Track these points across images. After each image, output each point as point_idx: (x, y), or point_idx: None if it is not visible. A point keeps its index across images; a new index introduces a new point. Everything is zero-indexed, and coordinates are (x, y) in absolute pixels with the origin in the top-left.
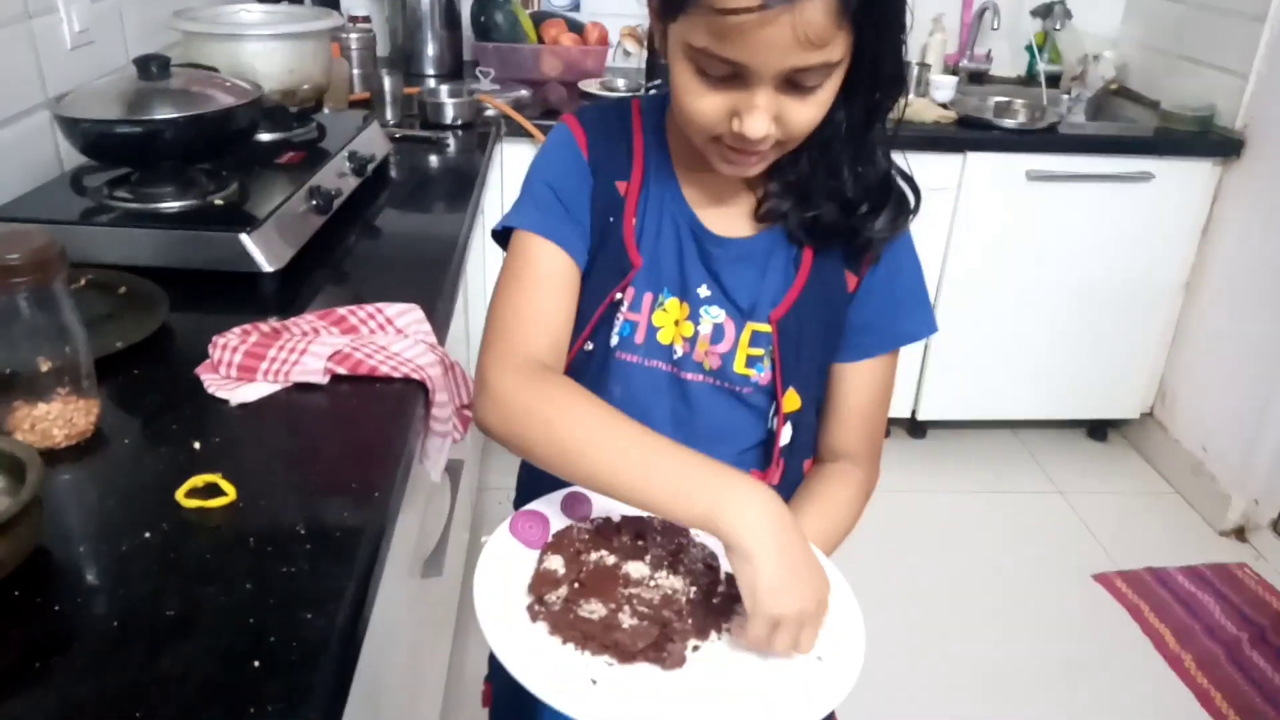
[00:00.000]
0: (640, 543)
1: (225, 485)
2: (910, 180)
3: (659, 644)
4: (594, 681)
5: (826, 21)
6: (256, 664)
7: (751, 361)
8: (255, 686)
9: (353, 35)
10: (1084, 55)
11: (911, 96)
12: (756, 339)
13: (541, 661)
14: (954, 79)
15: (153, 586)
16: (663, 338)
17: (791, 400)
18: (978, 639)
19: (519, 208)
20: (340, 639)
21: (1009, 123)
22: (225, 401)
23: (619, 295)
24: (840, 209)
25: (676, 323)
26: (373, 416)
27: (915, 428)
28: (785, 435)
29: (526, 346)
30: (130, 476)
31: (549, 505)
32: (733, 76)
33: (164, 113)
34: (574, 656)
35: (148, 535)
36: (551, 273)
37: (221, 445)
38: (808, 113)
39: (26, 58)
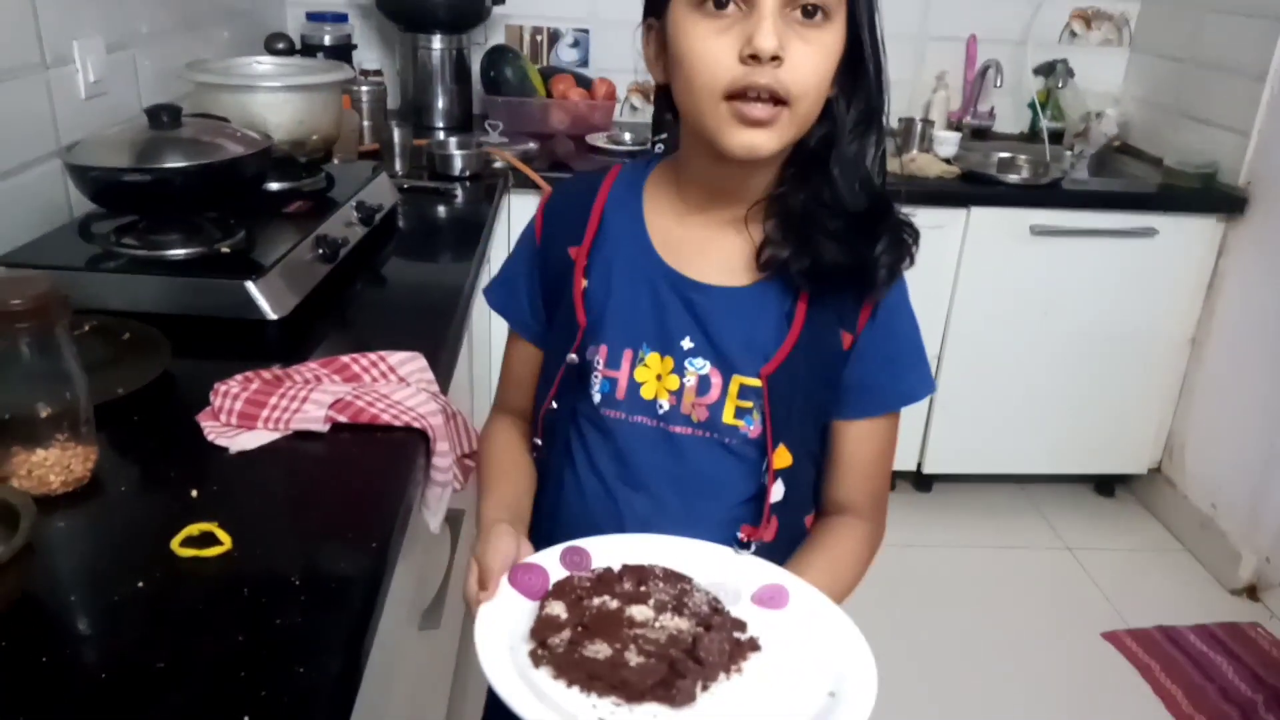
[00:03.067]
0: (642, 588)
1: (221, 534)
2: (908, 221)
3: (667, 681)
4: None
5: None
6: (248, 718)
7: (740, 413)
8: None
9: (363, 88)
10: (1087, 112)
11: (915, 151)
12: (745, 392)
13: (548, 705)
14: (957, 135)
15: (143, 637)
16: (645, 393)
17: (782, 457)
18: (984, 696)
19: (495, 286)
20: (334, 693)
21: (1013, 178)
22: (224, 449)
23: (582, 355)
24: (842, 249)
25: (659, 377)
26: (373, 465)
27: (921, 481)
28: (777, 492)
29: (502, 399)
30: (125, 524)
31: (548, 558)
32: (736, 2)
33: (173, 161)
34: (580, 699)
35: (140, 584)
36: (514, 353)
37: (219, 493)
38: (813, 55)
39: (42, 107)
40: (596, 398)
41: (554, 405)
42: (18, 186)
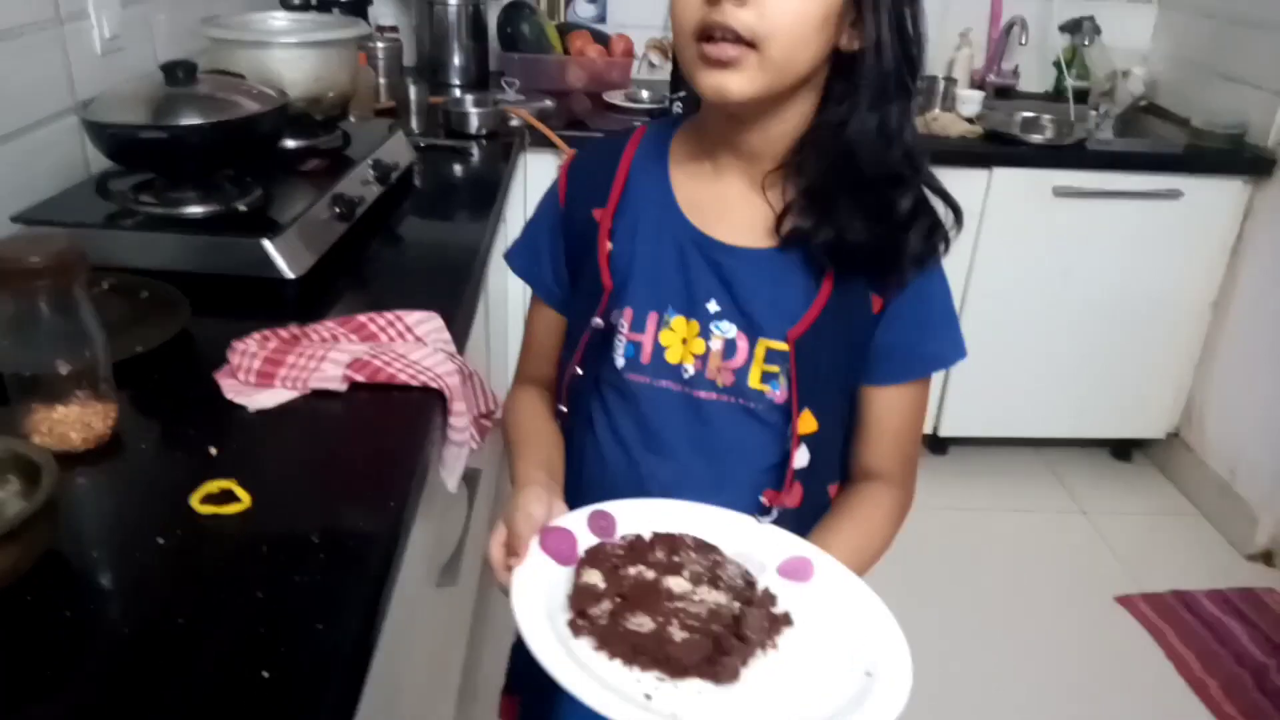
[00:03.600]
0: (676, 559)
1: (240, 492)
2: (946, 196)
3: (712, 658)
4: (648, 696)
5: None
6: (267, 674)
7: (766, 378)
8: (265, 696)
9: (379, 44)
10: (1113, 71)
11: (937, 110)
12: (771, 356)
13: (593, 678)
14: (980, 94)
15: (165, 593)
16: (670, 357)
17: (807, 422)
18: (998, 659)
19: (516, 251)
20: (353, 649)
21: (1036, 138)
22: (243, 408)
23: (608, 319)
24: (868, 227)
25: (685, 341)
26: (390, 424)
27: (937, 444)
28: (801, 458)
29: (524, 369)
30: (146, 481)
31: (574, 522)
32: None
33: (189, 119)
34: (624, 672)
35: (161, 541)
36: (537, 320)
37: (238, 451)
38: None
39: (58, 63)
40: (620, 362)
41: (579, 371)
42: (35, 143)
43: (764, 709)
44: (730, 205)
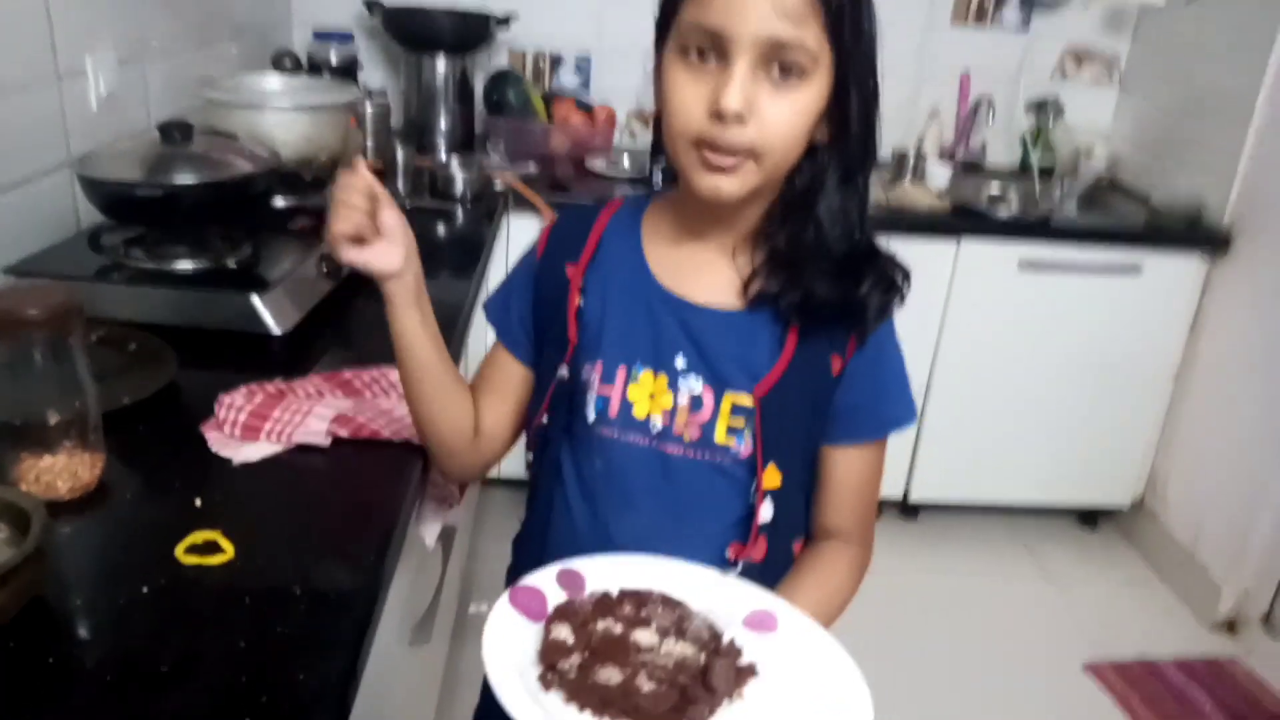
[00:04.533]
0: (643, 613)
1: (224, 542)
2: (893, 259)
3: (679, 708)
4: None
5: None
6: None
7: (732, 432)
8: None
9: (368, 107)
10: (1076, 149)
11: (907, 183)
12: (737, 410)
13: None
14: (949, 168)
15: (148, 640)
16: (638, 412)
17: (772, 477)
18: None
19: (493, 300)
20: (333, 698)
21: (1002, 213)
22: (228, 460)
23: (576, 373)
24: (831, 285)
25: (652, 395)
26: (372, 479)
27: (907, 509)
28: (766, 513)
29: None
30: (131, 531)
31: (544, 579)
32: (715, 55)
33: (183, 177)
34: None
35: (145, 590)
36: (492, 360)
37: (222, 503)
38: (783, 113)
39: (54, 118)
40: (591, 416)
41: (544, 420)
42: (28, 195)
43: None
44: (700, 269)
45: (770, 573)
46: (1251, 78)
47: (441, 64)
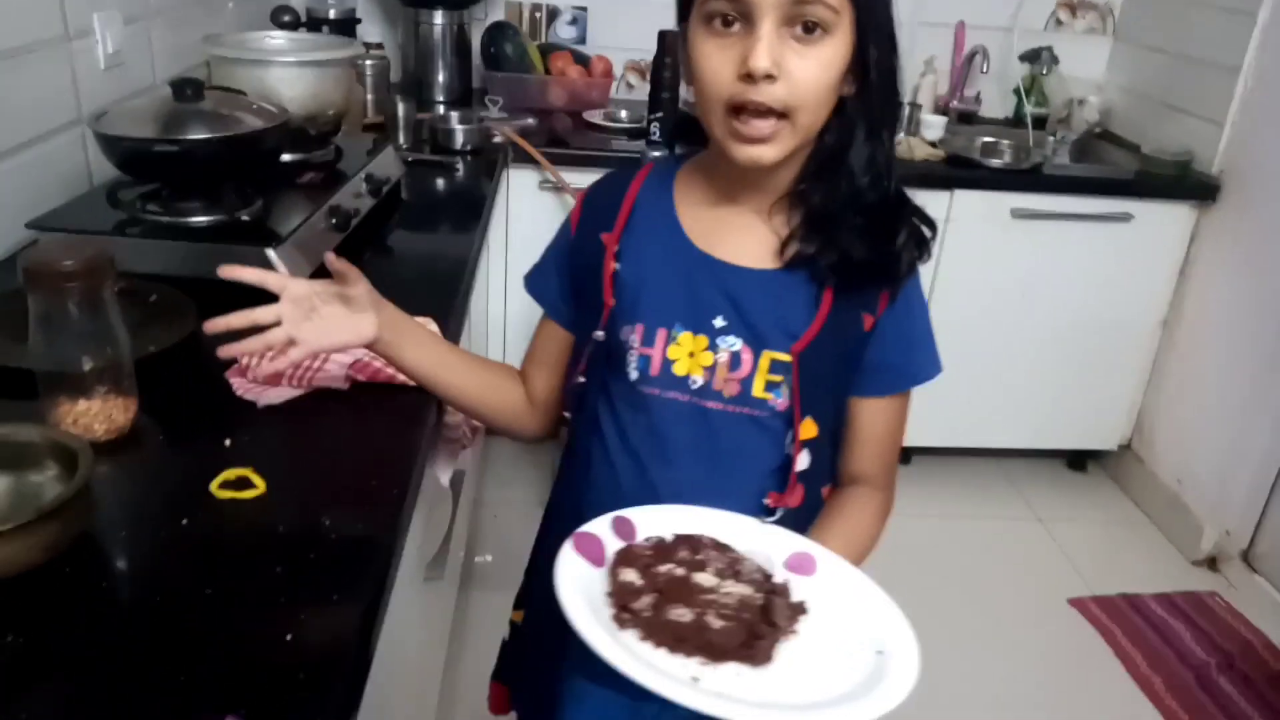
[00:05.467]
0: (699, 557)
1: (255, 479)
2: (921, 212)
3: (748, 643)
4: (696, 679)
5: None
6: (290, 636)
7: (770, 387)
8: (289, 657)
9: (368, 62)
10: (1069, 99)
11: (902, 135)
12: (775, 367)
13: (647, 666)
14: (943, 119)
15: (192, 567)
16: (678, 369)
17: (808, 428)
18: (958, 657)
19: (533, 274)
20: (364, 618)
21: (995, 162)
22: (252, 404)
23: (620, 337)
24: (868, 245)
25: (692, 354)
26: (390, 420)
27: (901, 454)
28: (803, 461)
29: (523, 370)
30: (166, 469)
31: (600, 527)
32: (740, 21)
33: (197, 133)
34: (670, 659)
35: (185, 522)
36: (542, 332)
37: (250, 443)
38: (810, 69)
39: (65, 77)
40: (634, 375)
41: (581, 380)
42: (44, 152)
43: (797, 686)
44: (735, 231)
45: (805, 518)
46: (1241, 29)
47: (439, 18)
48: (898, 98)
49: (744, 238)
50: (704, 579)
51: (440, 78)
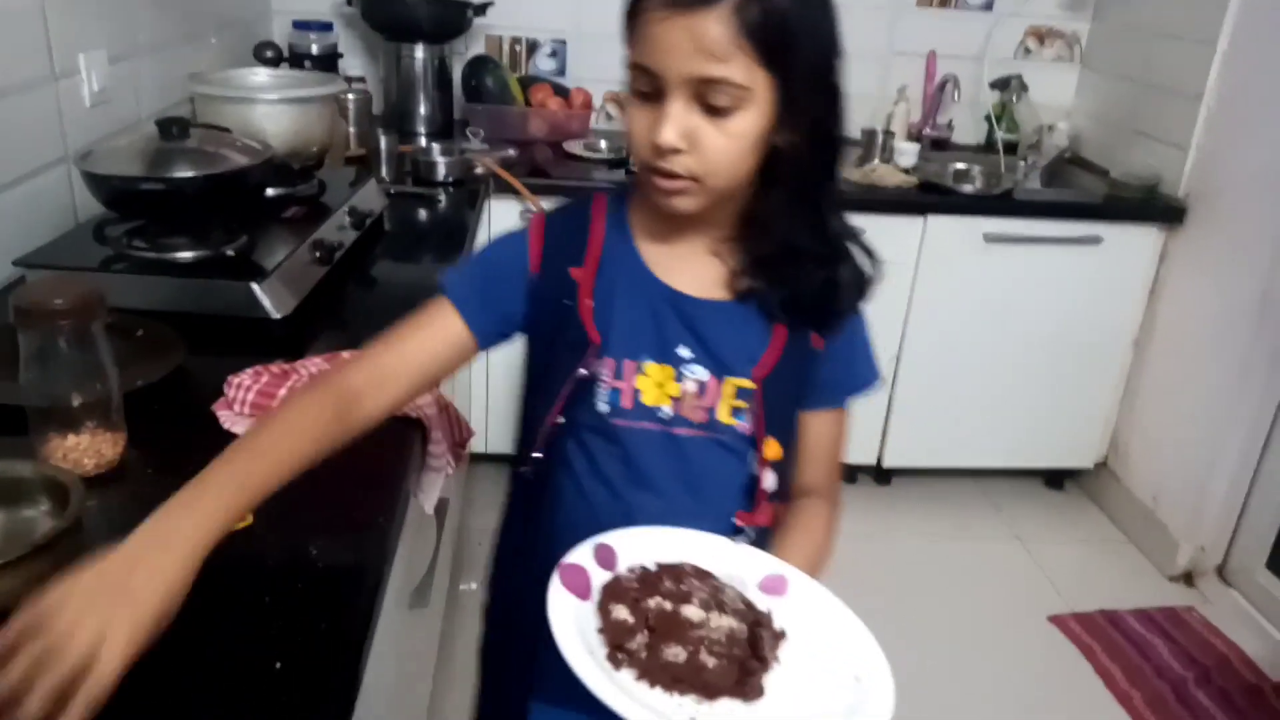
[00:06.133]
0: (682, 587)
1: None
2: (868, 249)
3: (740, 680)
4: (693, 719)
5: (724, 34)
6: (279, 664)
7: (735, 412)
8: (278, 684)
9: (350, 96)
10: (1039, 125)
11: (876, 162)
12: (739, 393)
13: (646, 708)
14: (916, 146)
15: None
16: (646, 400)
17: (772, 448)
18: (939, 676)
19: (454, 273)
20: (353, 645)
21: (968, 188)
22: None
23: (592, 370)
24: (812, 282)
25: (660, 385)
26: (375, 451)
27: (881, 474)
28: (769, 481)
29: (352, 375)
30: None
31: (583, 556)
32: (655, 93)
33: (183, 171)
34: (666, 699)
35: None
36: (435, 334)
37: None
38: (720, 141)
39: (51, 115)
40: (605, 409)
41: (560, 420)
42: (29, 190)
43: (787, 718)
44: (689, 263)
45: (771, 535)
46: (1203, 56)
47: (420, 51)
48: (835, 145)
49: (698, 270)
50: (691, 613)
51: (422, 110)
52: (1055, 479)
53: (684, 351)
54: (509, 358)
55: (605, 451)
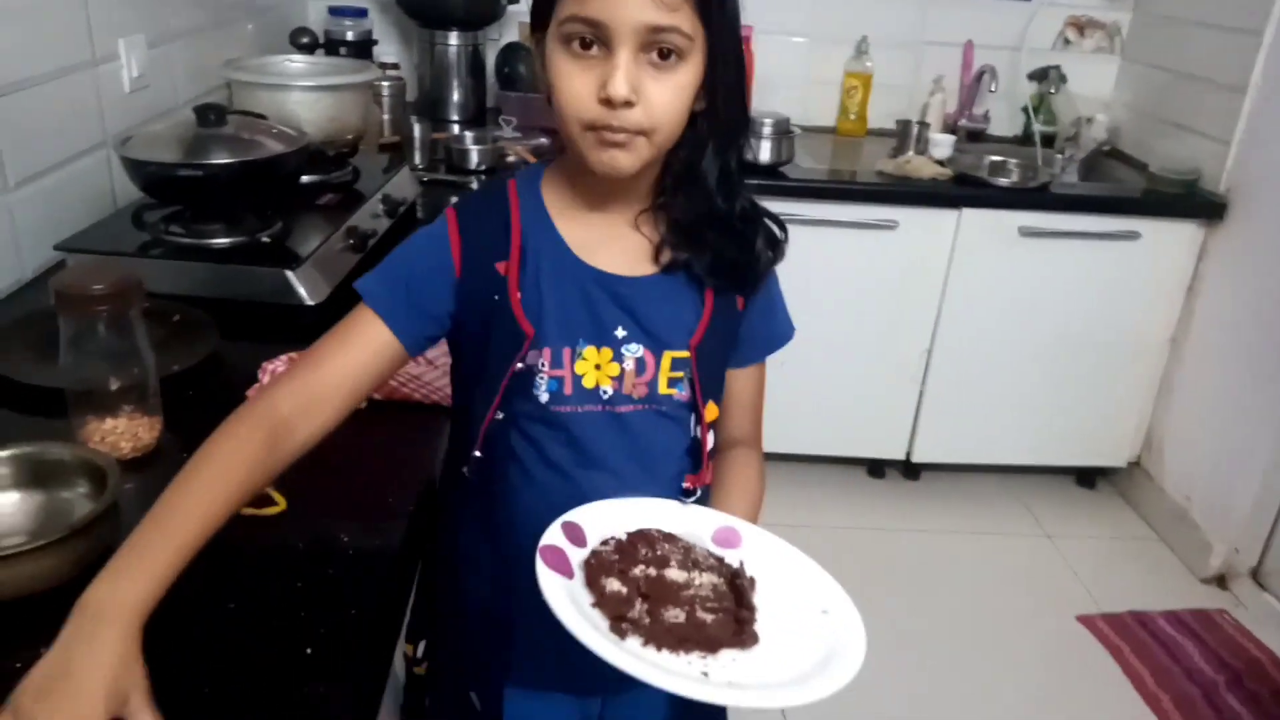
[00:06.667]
0: (658, 552)
1: (276, 496)
2: (773, 216)
3: (736, 630)
4: (705, 673)
5: None
6: (309, 650)
7: (673, 383)
8: (308, 669)
9: (384, 83)
10: (1077, 118)
11: (911, 153)
12: (675, 364)
13: (661, 670)
14: (951, 138)
15: (215, 582)
16: (587, 383)
17: (711, 410)
18: (966, 673)
19: (373, 280)
20: (381, 632)
21: (1003, 181)
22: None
23: (529, 363)
24: (729, 247)
25: (598, 366)
26: (405, 437)
27: (910, 470)
28: (710, 441)
29: (281, 402)
30: None
31: (554, 536)
32: (598, 44)
33: (220, 157)
34: (674, 659)
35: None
36: (363, 347)
37: None
38: (666, 94)
39: (91, 100)
40: (545, 397)
41: (499, 415)
42: (69, 175)
43: (782, 658)
44: (611, 240)
45: (711, 490)
46: (1247, 48)
47: (454, 39)
48: (745, 113)
49: (621, 246)
50: (675, 575)
51: (455, 98)
52: (1087, 477)
53: (620, 332)
54: None
55: (549, 438)
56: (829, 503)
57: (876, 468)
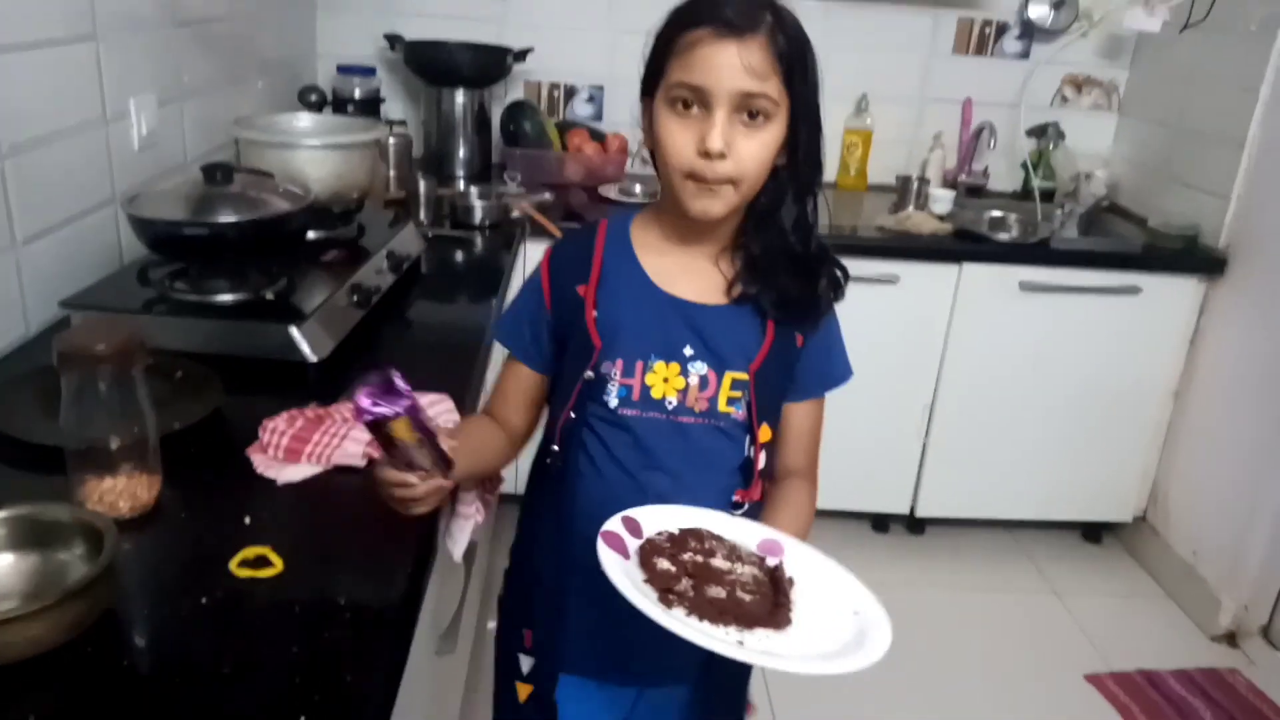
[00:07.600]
0: (707, 545)
1: (273, 557)
2: (838, 262)
3: (772, 611)
4: (741, 642)
5: (763, 56)
6: (303, 718)
7: (731, 402)
8: None
9: (391, 140)
10: (1077, 173)
11: (911, 209)
12: (735, 385)
13: (704, 635)
14: (951, 193)
15: (209, 646)
16: (655, 394)
17: (765, 433)
18: None
19: (503, 324)
20: (379, 700)
21: (1003, 236)
22: (272, 480)
23: (600, 371)
24: (798, 287)
25: (666, 380)
26: None
27: (914, 524)
28: (762, 461)
29: (490, 409)
30: (187, 546)
31: (616, 526)
32: (699, 105)
33: (226, 216)
34: (714, 628)
35: (204, 600)
36: (510, 375)
37: (269, 520)
38: (753, 148)
39: (101, 158)
40: (614, 402)
41: (572, 415)
42: (77, 232)
43: (810, 641)
44: (690, 273)
45: (762, 505)
46: (1245, 103)
47: (460, 96)
48: (820, 169)
49: (698, 279)
50: (719, 563)
51: (461, 154)
52: (1093, 532)
53: (688, 350)
54: None
55: (616, 438)
56: (833, 556)
57: (881, 522)
